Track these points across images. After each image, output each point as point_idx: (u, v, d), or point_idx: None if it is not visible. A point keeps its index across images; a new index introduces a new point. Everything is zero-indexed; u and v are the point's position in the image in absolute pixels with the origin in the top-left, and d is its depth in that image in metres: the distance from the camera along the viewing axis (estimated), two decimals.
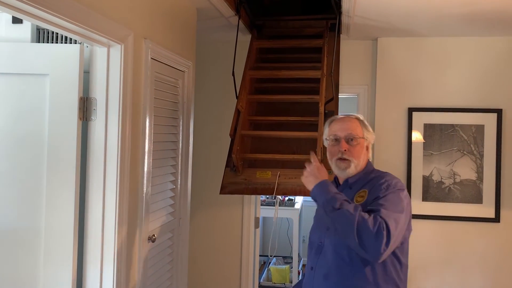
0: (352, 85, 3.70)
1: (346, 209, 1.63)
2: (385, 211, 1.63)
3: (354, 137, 1.86)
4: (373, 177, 1.85)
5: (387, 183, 1.76)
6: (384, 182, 1.77)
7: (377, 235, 1.57)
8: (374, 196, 1.73)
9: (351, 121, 1.91)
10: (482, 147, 3.42)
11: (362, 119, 1.93)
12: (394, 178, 1.80)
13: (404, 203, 1.72)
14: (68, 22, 1.65)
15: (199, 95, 3.53)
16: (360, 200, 1.77)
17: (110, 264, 2.00)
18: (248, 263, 3.77)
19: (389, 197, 1.70)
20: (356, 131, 1.88)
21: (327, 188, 1.73)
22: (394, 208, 1.67)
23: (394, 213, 1.65)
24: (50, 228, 1.95)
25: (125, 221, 2.05)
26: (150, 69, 2.24)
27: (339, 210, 1.64)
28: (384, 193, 1.71)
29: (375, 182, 1.80)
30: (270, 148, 2.89)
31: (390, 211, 1.64)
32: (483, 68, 3.46)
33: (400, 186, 1.77)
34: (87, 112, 1.98)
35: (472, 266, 3.43)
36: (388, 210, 1.64)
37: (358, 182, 1.86)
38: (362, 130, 1.89)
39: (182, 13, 2.71)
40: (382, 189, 1.73)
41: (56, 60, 1.96)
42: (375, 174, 1.87)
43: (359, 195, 1.80)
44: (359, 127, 1.89)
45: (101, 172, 1.98)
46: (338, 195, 1.71)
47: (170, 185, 2.58)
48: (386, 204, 1.67)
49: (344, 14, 3.01)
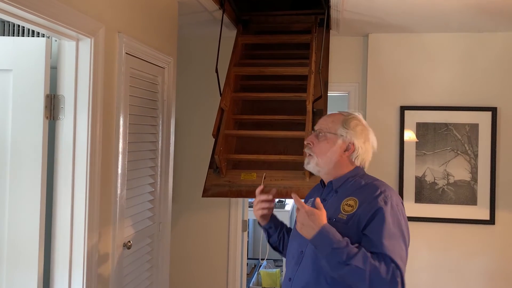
0: (343, 83, 3.58)
1: (355, 264, 1.47)
2: (392, 251, 1.51)
3: (321, 131, 1.71)
4: (364, 184, 1.68)
5: (383, 195, 1.60)
6: (379, 194, 1.60)
7: (391, 283, 1.48)
8: (368, 212, 1.57)
9: (332, 116, 1.76)
10: (477, 146, 3.31)
11: (349, 117, 1.73)
12: (389, 189, 1.65)
13: (404, 225, 1.60)
14: (31, 14, 1.53)
15: (181, 93, 3.41)
16: (349, 210, 1.61)
17: (80, 272, 1.86)
18: (235, 268, 3.64)
19: (391, 228, 1.55)
20: (328, 126, 1.71)
21: (327, 238, 1.51)
22: (398, 240, 1.55)
23: (400, 248, 1.54)
24: (14, 233, 1.82)
25: (96, 227, 1.92)
26: (124, 65, 2.11)
27: (348, 267, 1.47)
28: (384, 218, 1.55)
29: (367, 192, 1.63)
30: (256, 149, 2.77)
31: (397, 248, 1.53)
32: (477, 65, 3.35)
33: (396, 200, 1.62)
34: (54, 111, 1.85)
35: (466, 269, 3.32)
36: (395, 247, 1.53)
37: (344, 187, 1.69)
38: (338, 126, 1.69)
39: (162, 7, 2.58)
40: (380, 208, 1.56)
41: (20, 54, 1.82)
42: (366, 181, 1.70)
43: (347, 204, 1.63)
44: (335, 122, 1.71)
45: (69, 174, 1.84)
46: (342, 243, 1.50)
47: (148, 188, 2.45)
48: (391, 241, 1.53)
49: (332, 9, 2.89)
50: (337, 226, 1.58)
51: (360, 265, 1.47)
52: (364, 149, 1.72)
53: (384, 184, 1.68)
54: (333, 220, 1.61)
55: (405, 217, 1.64)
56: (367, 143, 1.73)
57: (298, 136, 2.63)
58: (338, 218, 1.61)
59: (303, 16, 3.25)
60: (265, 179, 2.62)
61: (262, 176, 2.61)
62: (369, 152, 1.75)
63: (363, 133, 1.72)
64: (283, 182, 2.58)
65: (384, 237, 1.53)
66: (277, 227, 1.95)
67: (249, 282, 4.91)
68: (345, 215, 1.61)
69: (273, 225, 1.94)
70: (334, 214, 1.64)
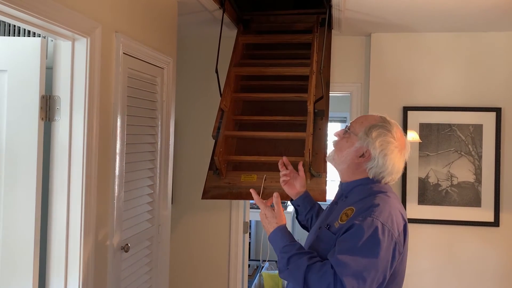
0: (345, 83, 3.54)
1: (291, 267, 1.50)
2: (343, 264, 1.41)
3: (348, 128, 1.66)
4: (365, 197, 1.56)
5: (370, 210, 1.47)
6: (367, 208, 1.48)
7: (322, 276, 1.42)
8: (346, 227, 1.48)
9: (367, 117, 1.65)
10: (481, 147, 3.27)
11: (381, 123, 1.59)
12: (384, 205, 1.49)
13: (381, 244, 1.43)
14: (26, 14, 1.50)
15: (181, 93, 3.38)
16: (344, 219, 1.53)
17: (76, 276, 1.83)
18: (237, 270, 3.61)
19: (356, 244, 1.43)
20: (355, 125, 1.63)
21: (276, 241, 1.59)
22: (362, 267, 1.41)
23: (357, 264, 1.40)
24: (9, 237, 1.78)
25: (92, 230, 1.88)
26: (122, 65, 2.07)
27: (287, 271, 1.51)
28: (354, 232, 1.45)
29: (362, 205, 1.52)
30: (256, 150, 2.73)
31: (352, 265, 1.40)
32: (481, 65, 3.30)
33: (384, 219, 1.46)
34: (50, 112, 1.81)
35: (470, 272, 3.28)
36: (349, 263, 1.41)
37: (352, 194, 1.61)
38: (362, 129, 1.59)
39: (161, 7, 2.54)
40: (354, 224, 1.46)
41: (15, 54, 1.78)
42: (370, 192, 1.57)
43: (346, 213, 1.55)
44: (363, 125, 1.60)
45: (65, 176, 1.81)
46: (288, 247, 1.53)
47: (147, 190, 2.41)
48: (352, 266, 1.41)
49: (334, 8, 2.85)
50: (326, 234, 1.56)
51: (295, 268, 1.47)
52: (382, 164, 1.56)
53: (384, 199, 1.52)
54: (326, 227, 1.57)
55: (389, 235, 1.46)
56: (387, 159, 1.56)
57: (299, 137, 2.59)
58: (332, 226, 1.56)
59: (304, 16, 3.21)
60: (266, 181, 2.58)
61: (262, 177, 2.58)
62: (388, 168, 1.57)
63: (383, 147, 1.56)
64: None
65: (341, 251, 1.43)
66: (306, 206, 1.93)
67: (251, 284, 4.87)
68: (339, 224, 1.54)
69: (301, 204, 1.93)
70: (333, 220, 1.58)
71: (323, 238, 1.58)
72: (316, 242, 1.61)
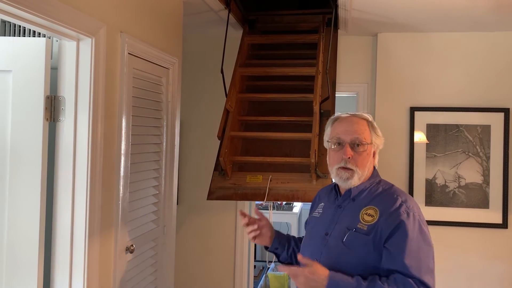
0: (351, 83, 3.52)
1: None
2: (417, 267, 1.48)
3: (361, 143, 1.60)
4: (382, 192, 1.62)
5: (405, 206, 1.54)
6: (400, 205, 1.54)
7: None
8: (390, 225, 1.51)
9: (358, 122, 1.63)
10: (489, 148, 3.23)
11: (371, 120, 1.66)
12: (409, 198, 1.60)
13: (427, 233, 1.56)
14: (31, 14, 1.50)
15: (186, 93, 3.36)
16: (369, 220, 1.55)
17: (80, 277, 1.82)
18: (242, 271, 3.59)
19: (414, 243, 1.51)
20: (364, 135, 1.61)
21: (339, 285, 1.48)
22: (422, 252, 1.51)
23: (426, 257, 1.51)
24: (13, 238, 1.78)
25: (97, 231, 1.88)
26: (127, 65, 2.06)
27: None
28: (407, 232, 1.50)
29: (386, 201, 1.57)
30: (262, 150, 2.72)
31: (423, 262, 1.50)
32: (489, 65, 3.27)
33: (418, 210, 1.58)
34: (54, 112, 1.81)
35: (478, 274, 3.24)
36: (420, 262, 1.49)
37: (363, 194, 1.63)
38: (370, 134, 1.63)
39: (167, 7, 2.53)
40: (402, 222, 1.51)
41: (19, 55, 1.78)
42: (383, 187, 1.64)
43: (367, 213, 1.57)
44: (367, 130, 1.63)
45: (70, 177, 1.80)
46: (353, 284, 1.46)
47: (152, 191, 2.40)
48: (415, 257, 1.49)
49: (340, 8, 2.83)
50: (357, 237, 1.54)
51: None
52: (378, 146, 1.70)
53: (402, 192, 1.63)
54: (353, 230, 1.56)
55: (425, 224, 1.59)
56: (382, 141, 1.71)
57: (305, 137, 2.58)
58: (358, 228, 1.56)
59: (310, 16, 3.20)
60: (271, 182, 2.57)
61: (268, 178, 2.57)
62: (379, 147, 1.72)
63: (379, 133, 1.69)
64: (289, 184, 2.54)
65: (406, 254, 1.48)
66: (284, 245, 1.85)
67: (257, 285, 4.85)
68: (366, 225, 1.55)
69: (278, 245, 1.84)
70: (353, 223, 1.58)
71: (353, 241, 1.56)
72: (344, 248, 1.57)
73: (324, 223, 1.67)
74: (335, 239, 1.59)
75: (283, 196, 2.53)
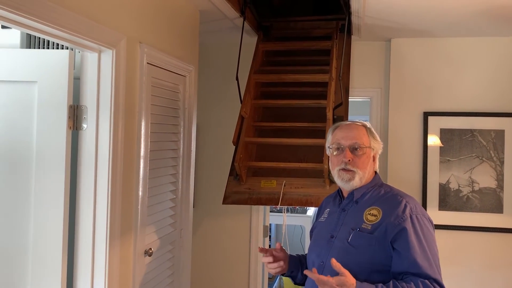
0: (365, 88, 3.55)
1: None
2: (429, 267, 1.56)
3: (359, 146, 1.71)
4: (384, 194, 1.71)
5: (409, 207, 1.62)
6: (404, 207, 1.62)
7: None
8: (396, 226, 1.58)
9: (357, 128, 1.75)
10: (503, 153, 3.24)
11: (369, 126, 1.79)
12: (411, 200, 1.67)
13: (432, 233, 1.64)
14: (55, 29, 1.57)
15: (202, 100, 3.43)
16: (373, 219, 1.63)
17: (101, 279, 1.89)
18: (257, 273, 3.65)
19: (422, 243, 1.58)
20: (362, 140, 1.73)
21: None
22: (430, 251, 1.58)
23: (434, 256, 1.59)
24: (38, 242, 1.87)
25: (117, 235, 1.95)
26: (146, 75, 2.14)
27: None
28: (415, 233, 1.58)
29: (390, 203, 1.66)
30: (276, 156, 2.77)
31: (432, 261, 1.57)
32: (503, 69, 3.28)
33: (421, 209, 1.65)
34: (77, 121, 1.89)
35: (491, 280, 3.24)
36: (430, 261, 1.57)
37: (365, 197, 1.72)
38: (368, 138, 1.74)
39: (184, 16, 2.61)
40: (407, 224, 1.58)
41: (44, 66, 1.87)
42: (385, 190, 1.73)
43: (370, 213, 1.65)
44: (365, 135, 1.75)
45: (91, 182, 1.88)
46: None
47: (170, 195, 2.48)
48: (425, 256, 1.56)
49: (353, 15, 2.87)
50: (362, 236, 1.62)
51: None
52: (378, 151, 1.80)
53: (405, 194, 1.71)
54: (357, 230, 1.64)
55: (431, 223, 1.66)
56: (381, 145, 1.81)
57: (318, 143, 2.62)
58: (362, 228, 1.64)
59: (324, 22, 3.24)
60: (285, 187, 2.62)
61: (282, 183, 2.62)
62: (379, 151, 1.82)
63: (378, 137, 1.80)
64: (303, 190, 2.59)
65: (417, 254, 1.55)
66: (297, 267, 1.89)
67: (271, 286, 4.90)
68: (369, 225, 1.63)
69: (295, 269, 1.89)
70: (357, 224, 1.66)
71: (358, 240, 1.63)
72: (350, 248, 1.64)
73: (329, 227, 1.75)
74: (340, 240, 1.67)
75: (297, 201, 2.58)
